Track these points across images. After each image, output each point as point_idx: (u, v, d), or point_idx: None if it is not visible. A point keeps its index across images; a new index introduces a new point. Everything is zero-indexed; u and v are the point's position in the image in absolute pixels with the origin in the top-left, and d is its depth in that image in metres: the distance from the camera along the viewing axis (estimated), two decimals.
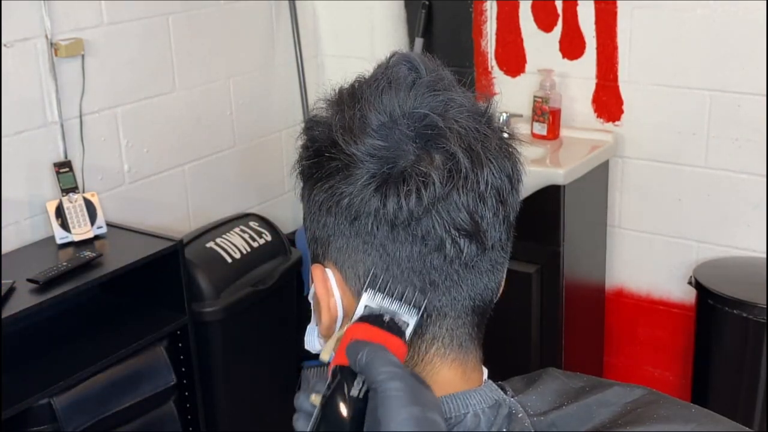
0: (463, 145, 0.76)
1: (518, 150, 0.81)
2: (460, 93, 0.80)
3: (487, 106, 0.80)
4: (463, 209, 0.76)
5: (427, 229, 0.76)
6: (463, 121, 0.77)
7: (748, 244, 2.58)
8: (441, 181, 0.75)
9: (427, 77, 0.80)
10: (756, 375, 2.37)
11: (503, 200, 0.78)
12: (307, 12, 3.12)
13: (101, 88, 2.47)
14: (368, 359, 0.72)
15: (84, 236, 2.32)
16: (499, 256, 0.81)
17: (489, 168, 0.76)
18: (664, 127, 2.62)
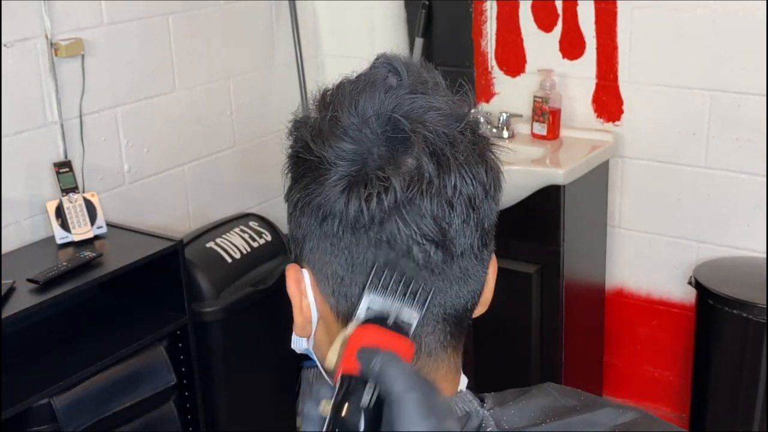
0: (430, 150, 0.75)
1: (499, 158, 0.80)
2: (441, 97, 0.79)
3: (467, 112, 0.79)
4: (428, 215, 0.75)
5: (391, 234, 0.75)
6: (434, 126, 0.76)
7: (748, 244, 2.58)
8: (402, 186, 0.74)
9: (408, 80, 0.79)
10: (756, 375, 2.37)
11: (475, 207, 0.77)
12: (307, 12, 3.12)
13: (101, 88, 2.47)
14: (383, 368, 0.71)
15: (84, 236, 2.32)
16: (471, 263, 0.80)
17: (458, 174, 0.75)
18: (664, 127, 2.63)
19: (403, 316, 0.76)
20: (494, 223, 0.80)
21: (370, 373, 0.71)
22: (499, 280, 2.65)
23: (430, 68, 0.84)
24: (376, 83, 0.79)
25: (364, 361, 0.71)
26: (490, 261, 0.84)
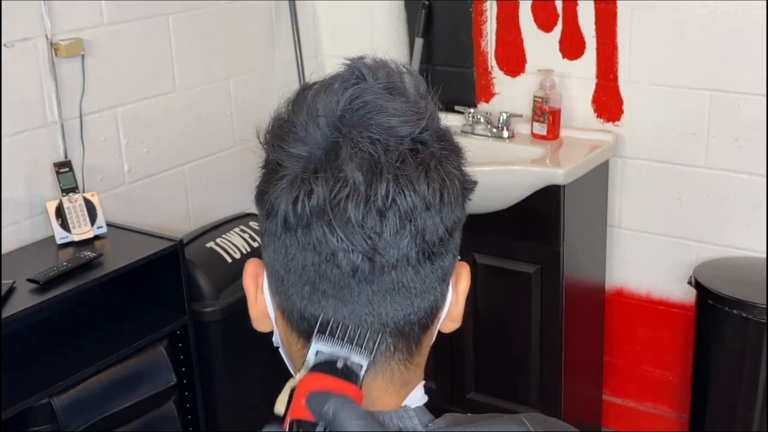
0: (360, 156, 0.74)
1: (462, 171, 0.79)
2: (402, 104, 0.78)
3: (424, 121, 0.77)
4: (353, 222, 0.74)
5: (317, 238, 0.75)
6: (375, 133, 0.76)
7: (748, 244, 2.58)
8: (326, 191, 0.74)
9: (371, 83, 0.79)
10: (756, 375, 2.37)
11: (411, 219, 0.75)
12: (307, 12, 3.12)
13: (101, 88, 2.47)
14: (335, 412, 0.71)
15: (84, 236, 2.32)
16: (408, 276, 0.77)
17: (392, 184, 0.74)
18: (664, 127, 2.62)
19: (353, 359, 0.76)
20: (441, 238, 0.77)
21: (321, 417, 0.71)
22: (499, 280, 2.66)
23: (411, 74, 0.83)
24: (334, 85, 0.79)
25: (314, 406, 0.72)
26: (447, 276, 0.81)
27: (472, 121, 2.80)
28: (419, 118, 0.77)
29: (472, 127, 2.81)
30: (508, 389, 2.71)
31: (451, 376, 2.78)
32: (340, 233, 0.74)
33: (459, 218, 0.80)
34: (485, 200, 2.54)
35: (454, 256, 0.82)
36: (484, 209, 2.55)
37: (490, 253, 2.61)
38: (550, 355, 2.60)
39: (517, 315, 2.62)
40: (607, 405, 2.96)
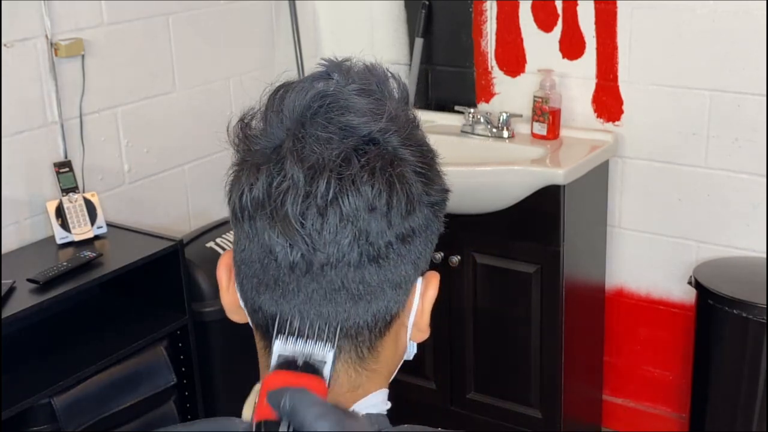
0: (306, 153, 0.75)
1: (408, 177, 0.77)
2: (367, 103, 0.78)
3: (382, 120, 0.77)
4: (291, 219, 0.74)
5: (259, 231, 0.76)
6: (333, 131, 0.76)
7: (748, 244, 2.58)
8: (267, 185, 0.75)
9: (339, 83, 0.80)
10: (756, 375, 2.37)
11: (353, 221, 0.75)
12: (307, 12, 3.12)
13: (101, 88, 2.47)
14: (292, 403, 0.71)
15: (84, 236, 2.32)
16: (349, 278, 0.77)
17: (334, 182, 0.74)
18: (664, 127, 2.63)
19: (316, 356, 0.76)
20: (390, 243, 0.77)
21: (281, 412, 0.71)
22: (499, 280, 2.66)
23: (396, 81, 0.83)
24: (302, 84, 0.80)
25: (274, 402, 0.72)
26: (405, 283, 0.80)
27: (472, 121, 2.80)
28: (377, 119, 0.77)
29: (472, 127, 2.81)
30: (508, 389, 2.71)
31: (451, 376, 2.79)
32: (279, 228, 0.75)
33: (418, 227, 0.79)
34: (485, 200, 2.54)
35: (416, 265, 0.81)
36: (484, 209, 2.56)
37: (490, 253, 2.61)
38: (550, 355, 2.60)
39: (517, 315, 2.62)
40: (607, 405, 2.96)
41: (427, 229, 0.81)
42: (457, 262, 2.63)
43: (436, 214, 0.83)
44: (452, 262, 2.63)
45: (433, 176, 0.81)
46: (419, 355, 3.02)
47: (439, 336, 2.77)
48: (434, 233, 0.83)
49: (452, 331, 2.74)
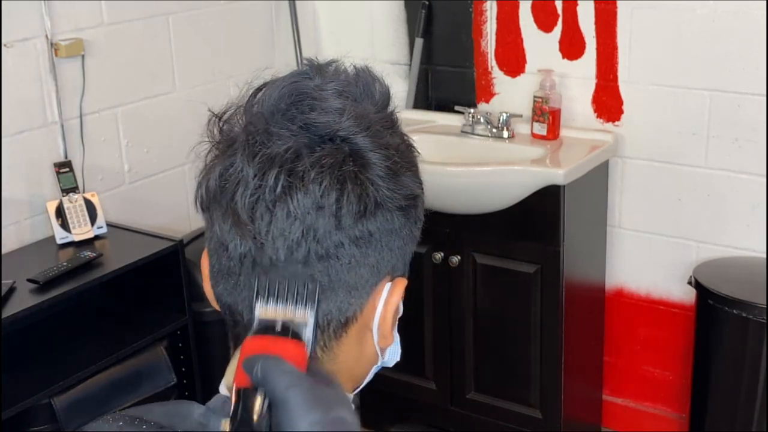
0: (257, 149, 0.76)
1: (363, 180, 0.77)
2: (339, 103, 0.78)
3: (343, 119, 0.77)
4: (239, 212, 0.76)
5: (215, 222, 0.78)
6: (286, 130, 0.77)
7: (748, 244, 2.58)
8: (218, 178, 0.78)
9: (314, 82, 0.80)
10: (756, 375, 2.37)
11: (300, 219, 0.75)
12: (307, 12, 3.12)
13: (101, 88, 2.47)
14: (263, 372, 0.71)
15: (84, 236, 2.32)
16: (297, 274, 0.76)
17: (283, 178, 0.74)
18: (664, 127, 2.63)
19: (296, 318, 0.75)
20: (340, 244, 0.76)
21: (254, 380, 0.71)
22: (499, 280, 2.66)
23: (381, 84, 0.84)
24: (280, 82, 0.81)
25: (248, 369, 0.72)
26: (362, 287, 0.80)
27: (472, 121, 2.80)
28: (341, 118, 0.77)
29: (472, 127, 2.81)
30: (508, 389, 2.71)
31: (451, 376, 2.78)
32: (230, 220, 0.76)
33: (379, 230, 0.78)
34: (485, 200, 2.54)
35: (376, 269, 0.80)
36: (484, 209, 2.56)
37: (490, 253, 2.61)
38: (550, 355, 2.60)
39: (517, 315, 2.62)
40: (607, 405, 2.96)
41: (393, 234, 0.80)
42: (457, 262, 2.63)
43: (408, 218, 0.81)
44: (452, 262, 2.63)
45: (403, 180, 0.80)
46: (419, 355, 3.01)
47: (439, 336, 2.77)
48: (404, 238, 0.82)
49: (452, 331, 2.74)
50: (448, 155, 2.74)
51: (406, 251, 0.83)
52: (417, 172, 0.84)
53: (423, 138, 2.82)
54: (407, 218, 0.81)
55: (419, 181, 0.84)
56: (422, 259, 2.69)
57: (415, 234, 0.84)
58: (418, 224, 0.84)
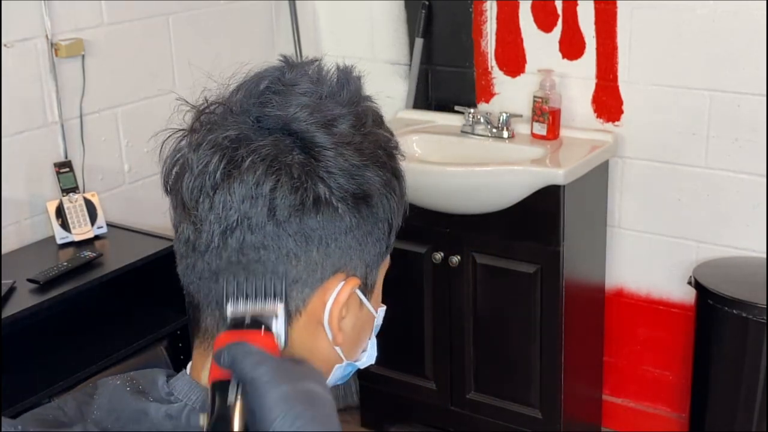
0: (206, 139, 0.80)
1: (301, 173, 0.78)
2: (294, 101, 0.80)
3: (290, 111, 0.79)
4: (184, 196, 0.81)
5: (170, 206, 0.85)
6: (234, 121, 0.80)
7: (748, 244, 2.58)
8: (171, 165, 0.83)
9: (286, 77, 0.82)
10: (756, 375, 2.37)
11: (238, 208, 0.77)
12: (307, 12, 3.12)
13: (101, 88, 2.47)
14: (231, 357, 0.73)
15: (84, 236, 2.32)
16: (220, 265, 0.79)
17: (224, 170, 0.77)
18: (664, 127, 2.63)
19: (264, 313, 0.77)
20: (276, 235, 0.78)
21: (224, 367, 0.73)
22: (499, 280, 2.66)
23: (354, 83, 0.84)
24: (252, 77, 0.84)
25: (216, 358, 0.74)
26: (302, 283, 0.80)
27: (472, 121, 2.80)
28: (297, 113, 0.79)
29: (472, 127, 2.81)
30: (508, 389, 2.71)
31: (451, 376, 2.78)
32: (179, 206, 0.81)
33: (323, 227, 0.79)
34: (485, 200, 2.54)
35: (320, 266, 0.81)
36: (484, 209, 2.56)
37: (490, 253, 2.61)
38: (550, 355, 2.60)
39: (517, 315, 2.62)
40: (607, 405, 2.96)
41: (344, 233, 0.80)
42: (457, 262, 2.63)
43: (363, 218, 0.81)
44: (452, 262, 2.63)
45: (358, 179, 0.80)
46: (419, 355, 3.01)
47: (439, 336, 2.77)
48: (360, 239, 0.82)
49: (452, 331, 2.74)
50: (448, 155, 2.74)
51: (365, 251, 0.83)
52: (385, 172, 0.83)
53: (423, 138, 2.82)
54: (362, 218, 0.81)
55: (386, 181, 0.83)
56: (422, 259, 2.69)
57: (378, 235, 0.84)
58: (380, 225, 0.84)
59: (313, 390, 0.73)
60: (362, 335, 0.90)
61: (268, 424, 0.70)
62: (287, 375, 0.73)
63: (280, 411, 0.70)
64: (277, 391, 0.71)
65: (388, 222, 0.85)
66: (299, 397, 0.72)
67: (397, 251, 0.91)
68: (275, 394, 0.71)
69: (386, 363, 2.91)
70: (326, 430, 0.72)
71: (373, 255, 0.84)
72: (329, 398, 0.75)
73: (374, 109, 0.87)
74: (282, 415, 0.70)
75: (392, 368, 2.90)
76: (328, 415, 0.73)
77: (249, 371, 0.72)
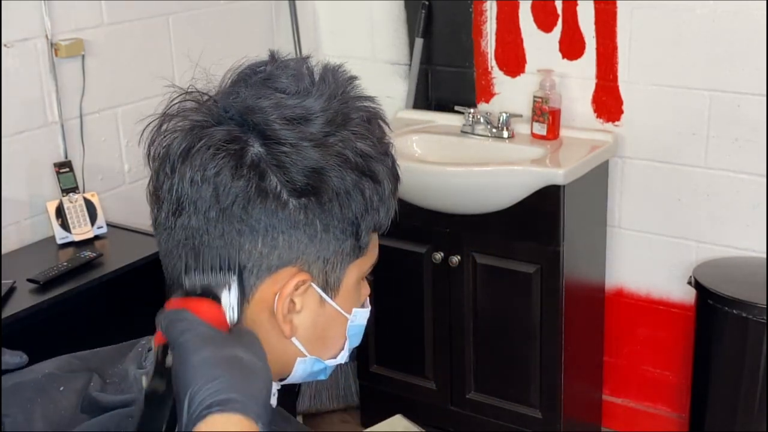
0: (176, 126, 0.85)
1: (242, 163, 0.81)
2: (271, 99, 0.83)
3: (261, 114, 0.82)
4: (153, 175, 0.85)
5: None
6: (207, 110, 0.84)
7: (748, 244, 2.58)
8: (147, 147, 0.86)
9: (267, 71, 0.88)
10: (756, 375, 2.37)
11: (189, 189, 0.81)
12: (307, 12, 3.12)
13: (101, 88, 2.47)
14: (167, 323, 0.77)
15: (84, 236, 2.32)
16: (182, 241, 0.83)
17: (181, 152, 0.82)
18: (664, 127, 2.63)
19: (215, 282, 0.81)
20: (217, 220, 0.81)
21: (161, 330, 0.78)
22: (499, 280, 2.66)
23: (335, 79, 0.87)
24: (246, 70, 0.90)
25: (157, 321, 0.79)
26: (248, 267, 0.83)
27: (472, 121, 2.80)
28: (255, 105, 0.83)
29: (472, 127, 2.81)
30: (508, 389, 2.71)
31: (451, 376, 2.79)
32: (150, 186, 0.86)
33: (266, 219, 0.81)
34: (485, 200, 2.54)
35: (266, 258, 0.82)
36: (484, 209, 2.55)
37: (490, 253, 2.61)
38: (550, 355, 2.60)
39: (517, 315, 2.62)
40: (607, 405, 2.96)
41: (294, 227, 0.82)
42: (457, 262, 2.63)
43: (313, 215, 0.83)
44: (452, 262, 2.63)
45: (313, 177, 0.82)
46: (419, 355, 3.00)
47: (439, 336, 2.77)
48: (313, 236, 0.83)
49: (452, 331, 2.74)
50: (448, 155, 2.74)
51: (321, 248, 0.84)
52: (353, 173, 0.84)
53: (423, 138, 2.82)
54: (315, 215, 0.83)
55: (354, 182, 0.84)
56: (422, 259, 2.69)
57: (336, 234, 0.85)
58: (339, 224, 0.84)
59: (238, 356, 0.75)
60: (330, 333, 0.91)
61: (187, 386, 0.73)
62: (213, 341, 0.75)
63: (198, 374, 0.73)
64: (198, 356, 0.74)
65: (352, 222, 0.85)
66: (220, 363, 0.74)
67: (397, 251, 0.91)
68: (197, 358, 0.74)
69: (386, 363, 2.91)
70: (243, 394, 0.73)
71: (331, 252, 0.85)
72: (259, 366, 0.77)
73: (368, 109, 0.88)
74: (198, 378, 0.73)
75: (392, 368, 2.90)
76: (248, 381, 0.74)
77: (177, 336, 0.75)
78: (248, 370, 0.75)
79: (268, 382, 0.77)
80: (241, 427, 0.71)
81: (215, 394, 0.72)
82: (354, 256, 0.88)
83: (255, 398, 0.74)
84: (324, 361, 0.92)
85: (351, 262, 0.88)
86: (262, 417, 0.73)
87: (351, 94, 0.87)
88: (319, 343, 0.90)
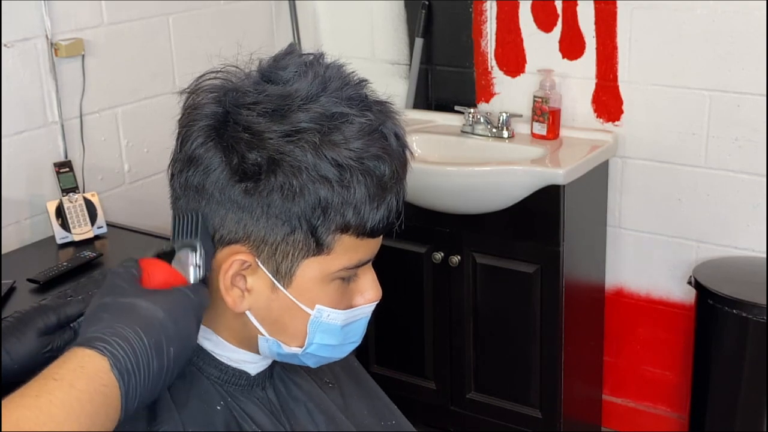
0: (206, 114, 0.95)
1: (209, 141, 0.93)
2: (266, 95, 0.94)
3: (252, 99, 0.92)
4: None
5: None
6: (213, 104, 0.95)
7: (748, 244, 2.58)
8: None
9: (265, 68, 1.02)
10: (756, 375, 2.37)
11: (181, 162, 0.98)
12: (307, 12, 3.12)
13: (101, 88, 2.47)
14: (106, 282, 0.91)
15: (84, 236, 2.32)
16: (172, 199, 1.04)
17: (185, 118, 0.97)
18: (664, 127, 2.63)
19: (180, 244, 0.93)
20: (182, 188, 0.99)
21: None
22: (499, 280, 2.66)
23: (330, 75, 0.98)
24: (270, 59, 1.03)
25: None
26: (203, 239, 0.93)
27: (472, 121, 2.81)
28: (241, 90, 0.95)
29: (472, 127, 2.81)
30: (508, 389, 2.71)
31: (451, 376, 2.79)
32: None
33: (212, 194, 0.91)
34: (485, 200, 2.54)
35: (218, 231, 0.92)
36: (484, 209, 2.56)
37: (490, 253, 2.61)
38: (550, 355, 2.60)
39: (517, 315, 2.62)
40: (606, 405, 2.96)
41: (230, 204, 0.90)
42: (457, 262, 2.63)
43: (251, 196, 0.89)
44: (452, 261, 2.63)
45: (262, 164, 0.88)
46: (419, 355, 3.00)
47: (439, 336, 2.77)
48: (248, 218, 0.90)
49: (452, 331, 2.74)
50: (448, 155, 2.74)
51: (267, 235, 0.90)
52: (307, 173, 0.88)
53: (423, 138, 2.82)
54: (252, 199, 0.89)
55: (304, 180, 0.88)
56: (422, 259, 2.69)
57: (283, 221, 0.89)
58: (276, 212, 0.89)
59: (136, 304, 0.84)
60: (286, 321, 0.94)
61: (83, 322, 0.85)
62: (115, 291, 0.86)
63: (90, 315, 0.84)
64: (95, 301, 0.86)
65: (299, 217, 0.89)
66: (110, 308, 0.84)
67: (397, 251, 0.92)
68: (93, 303, 0.86)
69: (386, 363, 2.91)
70: (114, 335, 0.80)
71: (279, 241, 0.90)
72: (156, 317, 0.83)
73: (367, 109, 0.98)
74: (89, 317, 0.84)
75: (392, 368, 2.90)
76: (133, 326, 0.82)
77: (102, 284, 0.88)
78: (136, 315, 0.83)
79: (157, 330, 0.83)
80: (88, 359, 0.78)
81: (93, 332, 0.81)
82: (309, 252, 0.91)
83: (126, 340, 0.80)
84: (285, 347, 0.96)
85: (306, 256, 0.91)
86: (123, 359, 0.79)
87: (348, 94, 0.96)
88: (277, 327, 0.94)
